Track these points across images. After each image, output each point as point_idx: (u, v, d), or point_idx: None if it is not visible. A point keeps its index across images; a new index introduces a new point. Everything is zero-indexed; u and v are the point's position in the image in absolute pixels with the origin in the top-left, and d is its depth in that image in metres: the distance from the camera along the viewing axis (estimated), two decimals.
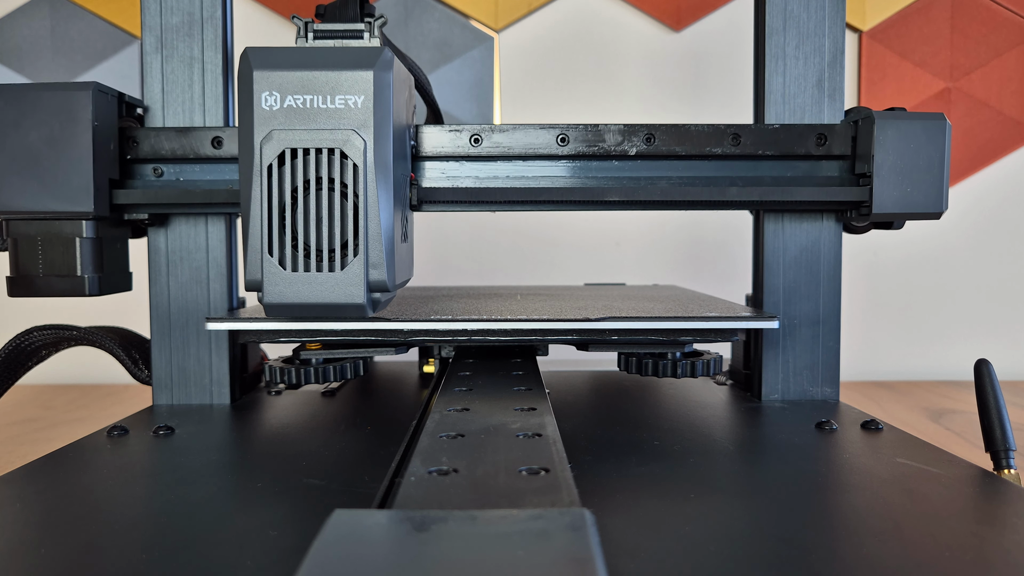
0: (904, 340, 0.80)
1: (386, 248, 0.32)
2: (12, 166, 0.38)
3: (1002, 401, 0.35)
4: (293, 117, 0.31)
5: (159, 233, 0.44)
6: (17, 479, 0.30)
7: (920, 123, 0.40)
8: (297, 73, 0.32)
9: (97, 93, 0.38)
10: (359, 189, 0.31)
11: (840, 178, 0.42)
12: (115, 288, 0.42)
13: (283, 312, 0.32)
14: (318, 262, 0.32)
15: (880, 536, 0.24)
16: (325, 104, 0.31)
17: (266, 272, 0.32)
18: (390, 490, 0.28)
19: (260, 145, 0.31)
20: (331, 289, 0.32)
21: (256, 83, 0.31)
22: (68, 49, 0.76)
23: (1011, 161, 0.78)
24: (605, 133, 0.41)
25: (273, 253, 0.32)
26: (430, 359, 0.53)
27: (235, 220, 0.46)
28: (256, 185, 0.31)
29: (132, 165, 0.42)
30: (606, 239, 0.80)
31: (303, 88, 0.31)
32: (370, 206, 0.31)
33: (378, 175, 0.31)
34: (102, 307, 0.76)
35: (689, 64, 0.79)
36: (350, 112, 0.31)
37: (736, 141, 0.41)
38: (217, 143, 0.41)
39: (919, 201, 0.40)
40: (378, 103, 0.32)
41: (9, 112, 0.38)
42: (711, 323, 0.39)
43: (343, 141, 0.31)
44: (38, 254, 0.39)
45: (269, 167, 0.31)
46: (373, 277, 0.32)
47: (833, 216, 0.44)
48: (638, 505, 0.27)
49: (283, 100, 0.31)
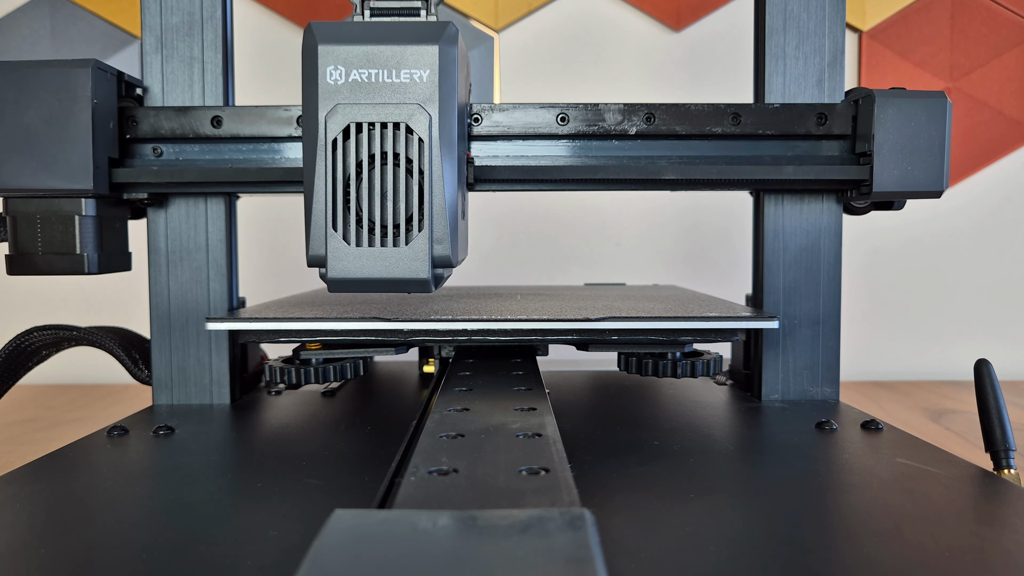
0: (904, 340, 0.80)
1: (450, 224, 0.32)
2: (11, 144, 0.38)
3: (1002, 401, 0.34)
4: (358, 91, 0.31)
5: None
6: (17, 479, 0.30)
7: (921, 102, 0.40)
8: (362, 47, 0.31)
9: (96, 71, 0.38)
10: (424, 164, 0.31)
11: (841, 158, 0.42)
12: (114, 267, 0.41)
13: (346, 288, 0.32)
14: (382, 237, 0.31)
15: (880, 536, 0.24)
16: (390, 78, 0.31)
17: (330, 247, 0.31)
18: (390, 490, 0.28)
19: (325, 119, 0.31)
20: (395, 264, 0.31)
21: (321, 57, 0.31)
22: (68, 49, 0.76)
23: (1011, 161, 0.78)
24: (605, 112, 0.41)
25: (337, 228, 0.31)
26: (430, 359, 0.53)
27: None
28: (320, 160, 0.31)
29: (131, 144, 0.42)
30: (606, 239, 0.80)
31: (368, 62, 0.31)
32: (435, 181, 0.31)
33: (443, 150, 0.31)
34: (102, 307, 0.76)
35: (689, 64, 0.79)
36: (416, 86, 0.31)
37: (736, 121, 0.41)
38: (217, 122, 0.41)
39: (919, 180, 0.40)
40: (443, 78, 0.31)
41: (8, 89, 0.37)
42: (711, 323, 0.39)
43: (408, 115, 0.31)
44: (37, 232, 0.39)
45: (334, 141, 0.31)
46: (437, 252, 0.32)
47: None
48: (638, 505, 0.27)
49: (348, 74, 0.31)
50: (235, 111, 0.41)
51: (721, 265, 0.80)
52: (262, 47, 0.78)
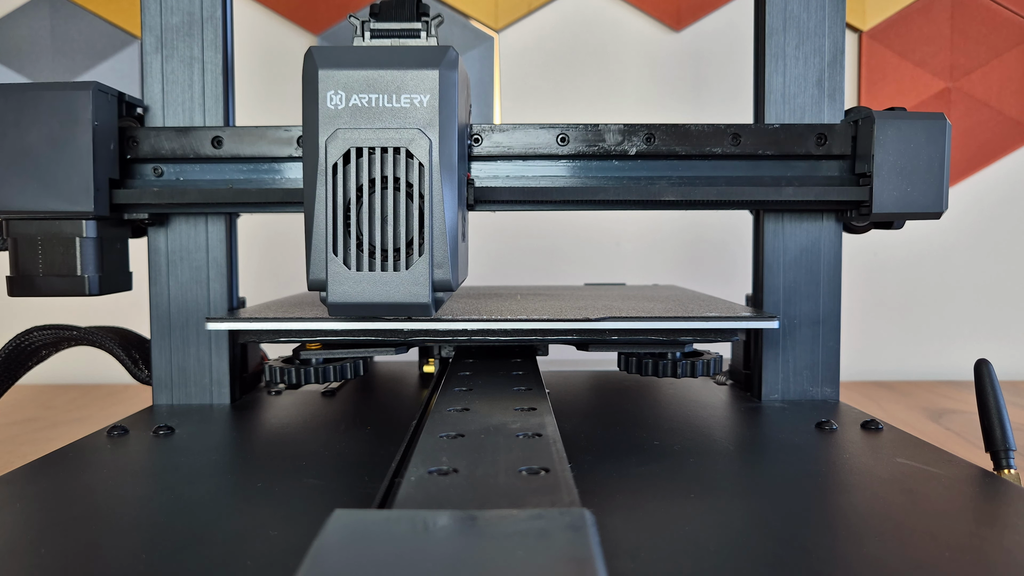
0: (904, 340, 0.80)
1: (450, 247, 0.32)
2: (12, 166, 0.38)
3: (1002, 401, 0.34)
4: (358, 116, 0.31)
5: (159, 233, 0.44)
6: (17, 479, 0.30)
7: (920, 123, 0.40)
8: (362, 72, 0.31)
9: (97, 93, 0.38)
10: (424, 188, 0.31)
11: (840, 178, 0.42)
12: (115, 288, 0.42)
13: (347, 312, 0.32)
14: (383, 261, 0.32)
15: (880, 536, 0.24)
16: (391, 103, 0.31)
17: (330, 272, 0.31)
18: (390, 490, 0.28)
19: (325, 144, 0.31)
20: (396, 289, 0.32)
21: (321, 82, 0.31)
22: (68, 49, 0.76)
23: (1011, 161, 0.78)
24: (605, 133, 0.41)
25: (338, 252, 0.31)
26: (430, 359, 0.53)
27: (235, 220, 0.46)
28: (321, 184, 0.31)
29: (132, 165, 0.42)
30: (606, 239, 0.80)
31: (368, 87, 0.31)
32: (435, 205, 0.31)
33: (443, 174, 0.31)
34: (102, 307, 0.76)
35: (689, 64, 0.79)
36: (416, 111, 0.31)
37: (736, 141, 0.41)
38: (217, 143, 0.41)
39: (919, 201, 0.40)
40: (444, 102, 0.31)
41: (9, 111, 0.38)
42: (711, 323, 0.39)
43: (409, 140, 0.31)
44: (38, 254, 0.39)
45: (334, 166, 0.31)
46: (438, 276, 0.32)
47: (833, 216, 0.44)
48: (638, 505, 0.27)
49: (348, 99, 0.31)
50: (235, 131, 0.41)
51: (721, 265, 0.80)
52: (262, 47, 0.78)
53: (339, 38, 0.77)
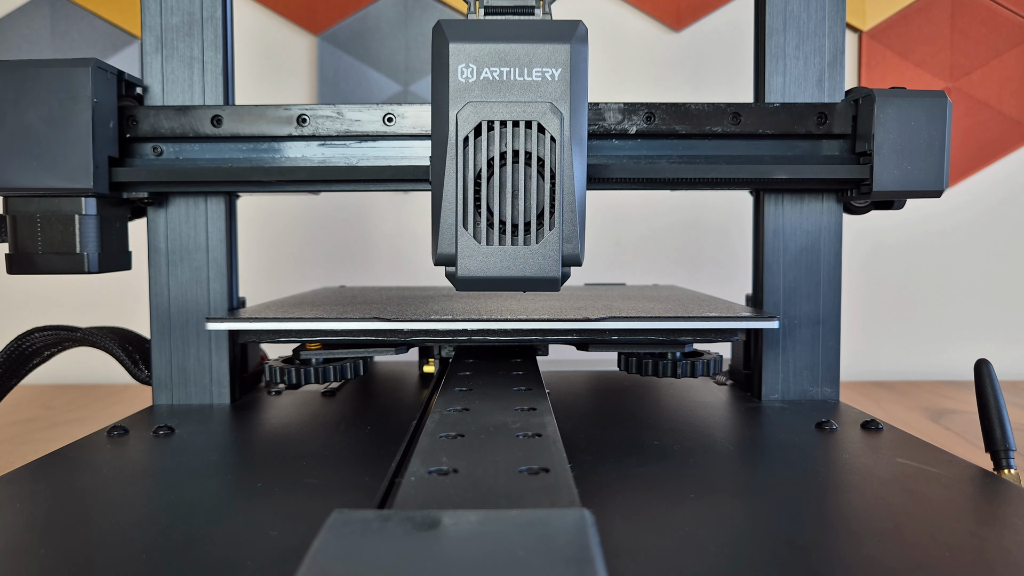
0: (904, 340, 0.80)
1: (579, 222, 0.32)
2: (11, 143, 0.38)
3: (1002, 401, 0.34)
4: (489, 89, 0.31)
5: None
6: (17, 479, 0.30)
7: (921, 101, 0.40)
8: (493, 45, 0.31)
9: (97, 70, 0.38)
10: (556, 162, 0.31)
11: (841, 157, 0.42)
12: (114, 266, 0.41)
13: (475, 286, 0.32)
14: (513, 236, 0.32)
15: (880, 536, 0.24)
16: (522, 76, 0.31)
17: (460, 246, 0.31)
18: (390, 490, 0.28)
19: (456, 117, 0.31)
20: (526, 263, 0.32)
21: (452, 55, 0.31)
22: (68, 49, 0.76)
23: (1011, 161, 0.78)
24: (605, 112, 0.41)
25: (468, 227, 0.31)
26: (430, 359, 0.53)
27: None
28: (451, 158, 0.31)
29: (131, 144, 0.42)
30: (606, 239, 0.80)
31: (499, 60, 0.31)
32: (566, 179, 0.31)
33: (574, 148, 0.31)
34: (101, 307, 0.76)
35: (689, 64, 0.79)
36: (547, 85, 0.31)
37: (736, 120, 0.41)
38: (217, 121, 0.41)
39: (920, 179, 0.40)
40: (575, 76, 0.31)
41: (8, 89, 0.37)
42: (711, 323, 0.39)
43: (541, 114, 0.31)
44: (37, 232, 0.39)
45: (465, 139, 0.31)
46: (567, 251, 0.32)
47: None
48: (638, 505, 0.27)
49: (479, 72, 0.31)
50: (235, 110, 0.41)
51: (721, 265, 0.80)
52: (262, 47, 0.78)
53: (339, 38, 0.77)
